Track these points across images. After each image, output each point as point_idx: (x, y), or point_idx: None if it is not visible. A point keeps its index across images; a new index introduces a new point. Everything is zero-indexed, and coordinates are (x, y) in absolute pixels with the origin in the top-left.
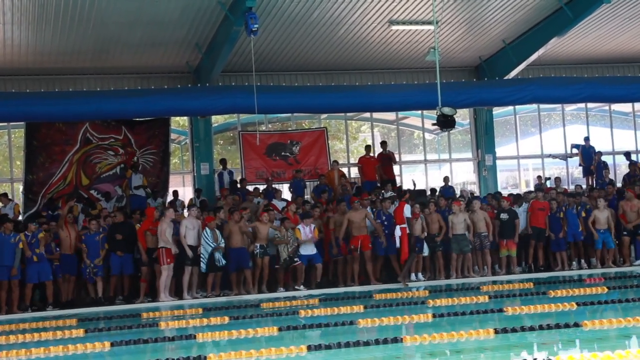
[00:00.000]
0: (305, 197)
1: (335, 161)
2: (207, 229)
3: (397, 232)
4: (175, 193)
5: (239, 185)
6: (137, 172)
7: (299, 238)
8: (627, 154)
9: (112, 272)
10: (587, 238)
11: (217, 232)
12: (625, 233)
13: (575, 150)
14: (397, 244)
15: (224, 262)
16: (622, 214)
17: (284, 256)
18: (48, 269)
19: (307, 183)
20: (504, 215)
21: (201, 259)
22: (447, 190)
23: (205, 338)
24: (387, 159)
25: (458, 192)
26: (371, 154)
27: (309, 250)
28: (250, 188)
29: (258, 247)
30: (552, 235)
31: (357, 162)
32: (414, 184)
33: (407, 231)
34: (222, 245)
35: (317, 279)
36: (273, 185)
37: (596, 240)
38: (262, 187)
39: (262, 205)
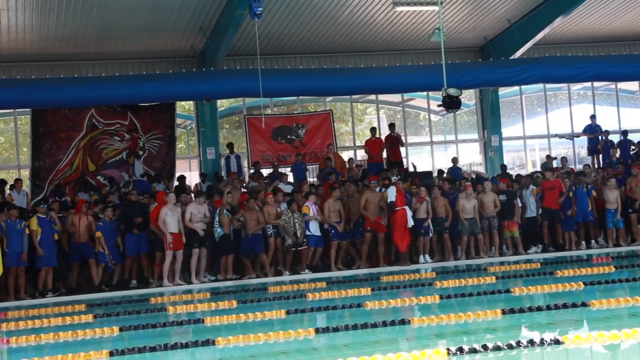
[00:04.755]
0: (311, 180)
1: (330, 144)
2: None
3: (409, 212)
4: (181, 178)
5: (252, 170)
6: (139, 159)
7: (307, 213)
8: (624, 132)
9: (128, 253)
10: (595, 218)
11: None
12: (630, 210)
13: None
14: (411, 223)
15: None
16: (630, 190)
17: (288, 242)
18: (54, 254)
19: (309, 166)
20: (502, 197)
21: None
22: (455, 170)
23: (213, 322)
24: (395, 141)
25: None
26: (376, 136)
27: (314, 230)
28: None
29: (271, 227)
30: (562, 213)
31: (363, 144)
32: (414, 167)
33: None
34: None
35: (316, 261)
36: (279, 170)
37: (607, 220)
38: (266, 172)
39: (271, 187)
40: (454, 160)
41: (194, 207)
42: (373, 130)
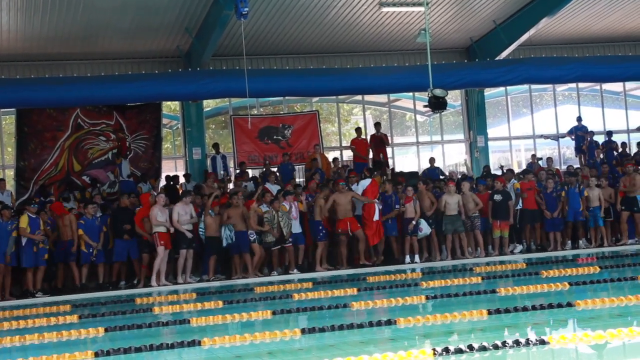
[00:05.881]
0: (298, 180)
1: (317, 144)
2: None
3: (378, 206)
4: (168, 178)
5: (238, 170)
6: (126, 159)
7: (285, 211)
8: (609, 133)
9: (116, 258)
10: (585, 218)
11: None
12: (623, 207)
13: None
14: (376, 218)
15: (232, 240)
16: (624, 186)
17: (269, 239)
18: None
19: (297, 167)
20: (497, 197)
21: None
22: (432, 171)
23: (199, 323)
24: (379, 141)
25: (448, 174)
26: (362, 136)
27: (295, 228)
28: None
29: (254, 233)
30: (548, 214)
31: (349, 144)
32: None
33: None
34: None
35: (299, 261)
36: (270, 168)
37: (589, 218)
38: (251, 172)
39: (259, 190)
40: (431, 160)
41: (181, 207)
42: (359, 130)
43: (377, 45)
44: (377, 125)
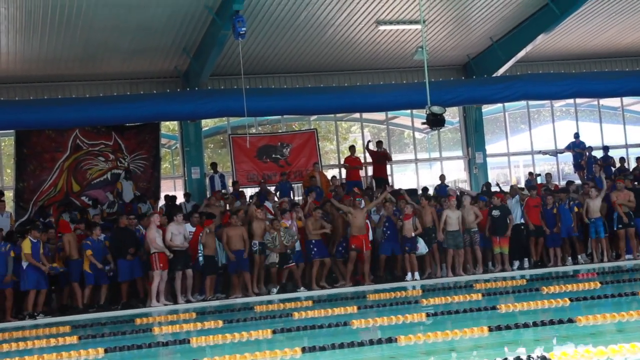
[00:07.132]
0: (298, 198)
1: (315, 162)
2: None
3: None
4: (167, 198)
5: (231, 189)
6: (128, 180)
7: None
8: (605, 148)
9: (121, 278)
10: (580, 233)
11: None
12: (620, 226)
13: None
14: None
15: (223, 261)
16: (614, 203)
17: (272, 260)
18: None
19: (295, 185)
20: (495, 212)
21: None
22: (442, 188)
23: (199, 342)
24: (382, 158)
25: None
26: (355, 155)
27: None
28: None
29: (257, 244)
30: (548, 230)
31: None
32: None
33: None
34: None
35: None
36: (267, 187)
37: (590, 230)
38: (251, 190)
39: (254, 203)
40: (442, 177)
41: (174, 227)
42: (352, 148)
43: (374, 63)
44: (379, 143)
